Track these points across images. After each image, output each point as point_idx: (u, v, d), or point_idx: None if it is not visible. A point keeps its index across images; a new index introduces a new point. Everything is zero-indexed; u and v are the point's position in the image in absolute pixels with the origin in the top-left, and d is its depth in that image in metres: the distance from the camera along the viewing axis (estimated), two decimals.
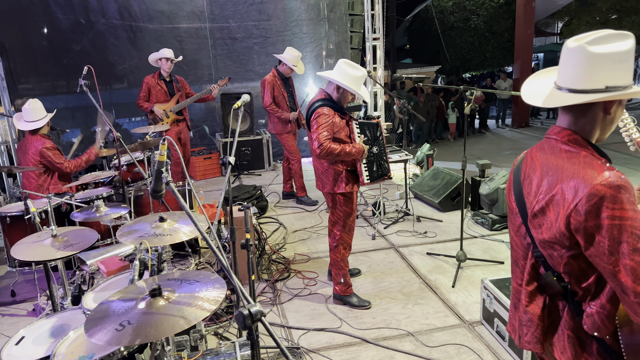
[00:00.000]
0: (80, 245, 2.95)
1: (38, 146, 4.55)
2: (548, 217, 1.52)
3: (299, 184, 6.40)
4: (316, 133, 3.47)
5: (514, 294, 1.79)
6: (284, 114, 6.05)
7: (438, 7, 19.03)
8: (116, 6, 7.80)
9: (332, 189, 3.72)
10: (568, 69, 1.53)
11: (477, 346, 3.37)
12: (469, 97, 4.05)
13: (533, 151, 1.68)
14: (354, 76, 3.51)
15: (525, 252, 1.68)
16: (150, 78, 6.44)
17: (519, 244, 1.71)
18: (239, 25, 8.48)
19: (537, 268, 1.64)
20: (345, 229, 3.84)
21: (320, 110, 3.52)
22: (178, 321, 1.75)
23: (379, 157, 3.85)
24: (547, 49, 25.62)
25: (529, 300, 1.67)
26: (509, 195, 1.76)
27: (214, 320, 3.69)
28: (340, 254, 3.88)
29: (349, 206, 3.79)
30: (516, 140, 14.04)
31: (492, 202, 5.31)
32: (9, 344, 2.41)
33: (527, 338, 1.68)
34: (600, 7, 19.76)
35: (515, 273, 1.77)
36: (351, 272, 4.23)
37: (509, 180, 1.78)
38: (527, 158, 1.70)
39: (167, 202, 4.59)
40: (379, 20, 8.44)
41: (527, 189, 1.63)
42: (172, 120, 6.51)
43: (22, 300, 4.30)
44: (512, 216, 1.73)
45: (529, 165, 1.66)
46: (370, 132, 3.79)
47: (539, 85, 1.70)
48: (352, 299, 3.94)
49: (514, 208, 1.71)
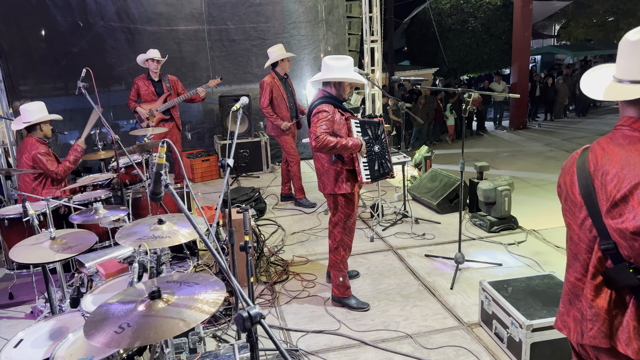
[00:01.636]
0: (79, 248, 2.95)
1: (32, 151, 4.51)
2: (631, 206, 1.50)
3: (298, 186, 6.41)
4: (314, 126, 3.50)
5: (570, 289, 1.76)
6: (278, 120, 6.05)
7: (436, 10, 19.07)
8: (114, 8, 7.80)
9: (333, 189, 3.72)
10: (629, 61, 1.56)
11: (475, 348, 3.38)
12: (467, 99, 4.06)
13: (602, 144, 1.68)
14: (341, 66, 3.58)
15: (590, 246, 1.67)
16: (138, 79, 6.57)
17: (582, 237, 1.70)
18: (237, 28, 8.49)
19: (603, 261, 1.63)
20: (345, 230, 3.84)
21: (320, 107, 3.56)
22: (177, 323, 1.75)
23: (381, 156, 3.83)
24: (545, 51, 25.69)
25: (595, 294, 1.65)
26: (570, 189, 1.74)
27: (213, 323, 3.69)
28: (340, 256, 3.88)
29: (350, 207, 3.79)
30: (514, 142, 14.06)
31: (490, 203, 5.32)
32: (8, 346, 2.41)
33: (592, 333, 1.65)
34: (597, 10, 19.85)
35: (573, 267, 1.76)
36: (350, 274, 4.23)
37: (570, 174, 1.75)
38: (595, 151, 1.68)
39: (166, 204, 4.59)
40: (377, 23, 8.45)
41: (602, 180, 1.61)
42: (157, 120, 6.54)
43: (20, 302, 4.29)
44: (576, 209, 1.72)
45: (600, 157, 1.65)
46: (371, 131, 3.78)
47: (597, 79, 1.72)
48: (350, 301, 3.95)
49: (579, 201, 1.69)
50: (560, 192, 1.83)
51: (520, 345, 3.07)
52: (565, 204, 1.79)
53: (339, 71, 3.58)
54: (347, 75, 3.60)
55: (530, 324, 2.99)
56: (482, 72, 20.82)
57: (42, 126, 4.60)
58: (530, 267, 4.44)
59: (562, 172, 1.82)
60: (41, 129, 4.60)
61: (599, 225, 1.61)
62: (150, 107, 6.51)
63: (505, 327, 3.23)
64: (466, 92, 4.09)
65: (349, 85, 3.68)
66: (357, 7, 9.14)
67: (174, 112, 6.66)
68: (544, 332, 3.01)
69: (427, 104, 14.31)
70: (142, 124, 6.53)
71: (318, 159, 3.77)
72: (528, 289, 3.41)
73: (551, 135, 14.53)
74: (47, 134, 4.66)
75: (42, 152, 4.54)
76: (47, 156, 4.57)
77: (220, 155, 8.04)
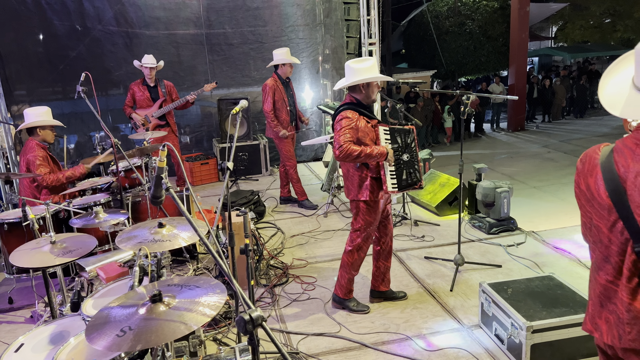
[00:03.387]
0: (79, 252, 2.95)
1: (28, 153, 4.51)
2: None
3: (298, 188, 6.41)
4: (338, 135, 3.45)
5: (602, 291, 1.73)
6: (278, 127, 6.06)
7: (433, 12, 19.12)
8: (112, 12, 7.81)
9: (356, 195, 3.65)
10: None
11: (475, 350, 3.38)
12: (466, 101, 4.07)
13: (628, 144, 1.64)
14: (366, 67, 3.50)
15: (622, 248, 1.65)
16: (134, 84, 6.56)
17: (613, 240, 1.67)
18: (235, 31, 8.51)
19: (637, 264, 1.61)
20: (365, 237, 3.77)
21: (344, 113, 3.50)
22: (179, 327, 1.76)
23: (410, 165, 3.70)
24: (542, 53, 25.78)
25: (632, 298, 1.63)
26: (595, 192, 1.70)
27: (213, 326, 3.69)
28: (352, 259, 3.82)
29: (372, 216, 3.70)
30: (512, 144, 14.09)
31: (489, 205, 5.33)
32: (8, 351, 2.41)
33: (631, 336, 1.63)
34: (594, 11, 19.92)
35: (604, 269, 1.72)
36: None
37: (593, 176, 1.71)
38: (622, 152, 1.65)
39: (166, 207, 4.59)
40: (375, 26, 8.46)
41: (635, 182, 1.58)
42: (153, 126, 6.54)
43: (20, 307, 4.28)
44: (604, 212, 1.68)
45: (630, 158, 1.62)
46: (401, 139, 3.67)
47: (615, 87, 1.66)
48: (351, 303, 3.94)
49: (607, 203, 1.66)
50: (580, 194, 1.78)
51: (520, 346, 3.08)
52: (589, 206, 1.75)
53: (366, 72, 3.49)
54: (374, 75, 3.53)
55: (530, 326, 3.00)
56: (480, 74, 20.87)
57: (39, 130, 4.57)
58: (530, 269, 4.45)
59: (582, 174, 1.77)
60: (38, 133, 4.58)
61: (633, 228, 1.59)
62: (146, 114, 6.51)
63: (505, 329, 3.23)
64: (464, 95, 4.10)
65: (377, 86, 3.61)
66: (355, 10, 9.15)
67: (169, 118, 6.65)
68: (544, 334, 3.02)
69: (425, 106, 14.34)
70: (137, 130, 6.53)
71: (344, 164, 3.71)
72: (528, 290, 3.42)
73: (549, 136, 14.56)
74: (46, 138, 4.62)
75: (38, 155, 4.51)
76: (40, 160, 4.53)
77: (219, 158, 8.05)
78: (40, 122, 4.56)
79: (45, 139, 4.63)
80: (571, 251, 4.73)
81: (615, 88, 1.67)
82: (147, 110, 6.53)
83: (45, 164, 4.58)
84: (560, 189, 8.84)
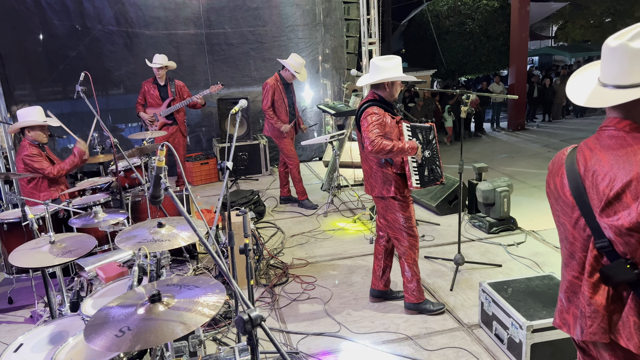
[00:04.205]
0: (79, 252, 2.94)
1: (21, 153, 4.50)
2: (625, 203, 1.55)
3: (299, 188, 6.40)
4: (367, 131, 3.42)
5: (568, 287, 1.80)
6: (279, 122, 6.05)
7: (433, 12, 19.11)
8: (112, 12, 7.80)
9: (381, 192, 3.62)
10: (612, 66, 1.61)
11: (475, 349, 3.37)
12: (466, 100, 4.06)
13: (589, 144, 1.73)
14: (392, 66, 3.50)
15: (585, 245, 1.71)
16: (146, 82, 6.67)
17: (577, 237, 1.73)
18: (234, 31, 8.51)
19: (599, 259, 1.67)
20: (410, 232, 3.71)
21: (370, 109, 3.48)
22: (178, 327, 1.75)
23: (431, 161, 3.71)
24: (542, 52, 25.78)
25: (593, 292, 1.69)
26: (561, 190, 1.77)
27: (212, 326, 3.68)
28: (411, 260, 3.74)
29: (408, 210, 3.67)
30: (512, 144, 14.07)
31: (490, 205, 5.32)
32: (8, 351, 2.41)
33: (592, 329, 1.69)
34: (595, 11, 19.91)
35: (570, 266, 1.80)
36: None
37: (559, 175, 1.79)
38: (582, 152, 1.73)
39: (165, 207, 4.59)
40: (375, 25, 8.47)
41: (592, 180, 1.65)
42: (160, 124, 6.57)
43: (20, 307, 4.28)
44: (568, 209, 1.75)
45: (588, 158, 1.69)
46: (422, 135, 3.68)
47: (582, 83, 1.76)
48: (427, 306, 3.82)
49: (571, 201, 1.73)
50: (550, 193, 1.86)
51: (520, 346, 3.07)
52: (557, 204, 1.82)
53: (392, 71, 3.49)
54: (400, 74, 3.52)
55: (530, 325, 2.99)
56: (480, 73, 20.86)
57: (27, 131, 4.53)
58: (530, 268, 4.44)
59: (550, 173, 1.85)
60: (27, 134, 4.54)
61: (593, 224, 1.66)
62: (155, 112, 6.57)
63: (506, 328, 3.23)
64: (464, 94, 4.10)
65: (400, 85, 3.62)
66: (355, 10, 9.15)
67: (178, 117, 6.67)
68: (544, 333, 3.01)
69: (426, 105, 14.33)
70: (151, 126, 6.60)
71: (366, 160, 3.68)
72: (528, 289, 3.42)
73: (549, 136, 14.55)
74: (37, 138, 4.56)
75: (30, 153, 4.50)
76: (36, 157, 4.52)
77: (219, 158, 8.05)
78: (26, 122, 4.51)
79: (35, 138, 4.56)
80: None
81: (582, 84, 1.77)
82: (157, 109, 6.60)
83: (42, 159, 4.58)
84: None
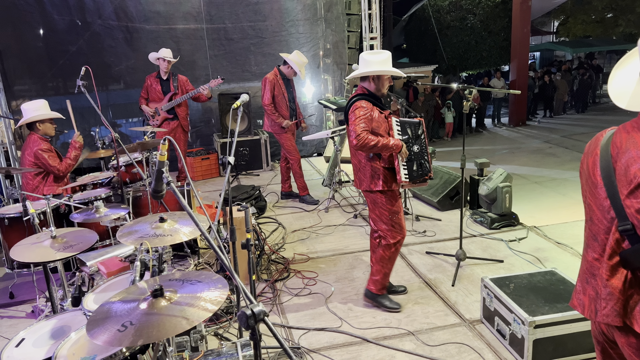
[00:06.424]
0: (80, 247, 2.94)
1: (33, 147, 4.53)
2: None
3: (300, 183, 6.39)
4: (353, 125, 3.43)
5: (588, 268, 1.79)
6: (280, 118, 6.03)
7: (434, 7, 19.05)
8: (112, 7, 7.77)
9: (369, 186, 3.63)
10: None
11: (477, 345, 3.37)
12: (468, 96, 4.04)
13: (627, 127, 1.70)
14: (379, 60, 3.51)
15: (608, 226, 1.70)
16: (149, 76, 6.67)
17: (601, 218, 1.73)
18: (235, 26, 8.48)
19: (620, 242, 1.66)
20: (395, 228, 3.70)
21: (358, 103, 3.49)
22: (180, 322, 1.75)
23: (420, 156, 3.72)
24: (544, 48, 25.71)
25: (610, 274, 1.68)
26: (592, 170, 1.76)
27: (214, 321, 3.68)
28: (389, 252, 3.74)
29: (394, 204, 3.68)
30: (513, 139, 14.06)
31: (491, 201, 5.31)
32: (9, 345, 2.40)
33: (605, 311, 1.69)
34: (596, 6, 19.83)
35: (592, 247, 1.78)
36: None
37: (592, 155, 1.77)
38: (619, 134, 1.71)
39: (167, 202, 4.58)
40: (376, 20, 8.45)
41: (625, 162, 1.63)
42: (162, 119, 6.58)
43: (21, 302, 4.28)
44: (595, 190, 1.74)
45: (625, 140, 1.67)
46: (411, 130, 3.69)
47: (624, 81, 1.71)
48: (384, 300, 3.85)
49: (599, 182, 1.72)
50: (582, 173, 1.84)
51: (522, 341, 3.07)
52: (586, 184, 1.81)
53: (378, 65, 3.50)
54: (386, 68, 3.53)
55: (532, 321, 2.99)
56: (481, 69, 20.81)
57: (38, 125, 4.59)
58: (532, 264, 4.44)
59: (586, 154, 1.83)
60: (38, 127, 4.59)
61: (618, 207, 1.64)
62: (156, 106, 6.57)
63: (508, 324, 3.23)
64: (466, 89, 4.08)
65: (388, 80, 3.61)
66: (356, 4, 9.12)
67: (179, 112, 6.66)
68: (547, 329, 3.01)
69: (426, 101, 14.30)
70: (151, 121, 6.59)
71: (355, 155, 3.69)
72: (530, 285, 3.41)
73: (550, 132, 14.53)
74: (47, 132, 4.65)
75: (44, 148, 4.57)
76: (48, 152, 4.60)
77: (220, 153, 8.04)
78: (38, 116, 4.56)
79: (46, 132, 4.65)
80: (573, 246, 4.72)
81: (623, 81, 1.71)
82: (159, 104, 6.61)
83: (54, 155, 4.67)
84: (562, 184, 8.83)
